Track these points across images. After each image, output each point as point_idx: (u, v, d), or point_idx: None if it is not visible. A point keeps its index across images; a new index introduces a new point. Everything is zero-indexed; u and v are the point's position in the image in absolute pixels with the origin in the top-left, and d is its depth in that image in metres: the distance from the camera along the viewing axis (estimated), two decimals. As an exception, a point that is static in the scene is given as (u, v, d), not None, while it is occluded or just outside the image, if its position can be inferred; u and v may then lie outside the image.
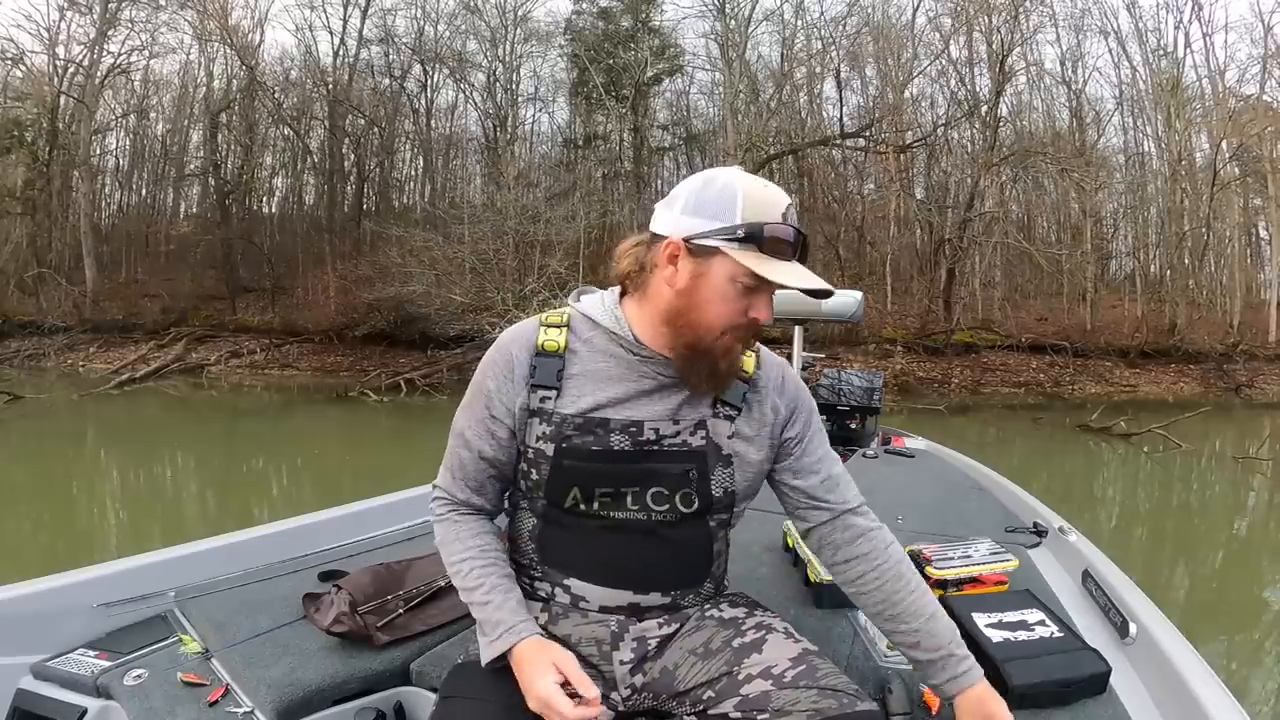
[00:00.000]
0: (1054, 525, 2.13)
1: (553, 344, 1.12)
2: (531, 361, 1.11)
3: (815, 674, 1.01)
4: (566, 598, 1.15)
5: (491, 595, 1.07)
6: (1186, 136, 20.60)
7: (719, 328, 1.04)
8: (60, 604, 1.55)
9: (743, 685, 1.02)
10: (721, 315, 1.04)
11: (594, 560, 1.13)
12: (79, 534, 5.52)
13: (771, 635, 1.11)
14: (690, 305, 1.05)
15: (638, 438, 1.08)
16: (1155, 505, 7.55)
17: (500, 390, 1.12)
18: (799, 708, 0.95)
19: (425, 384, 14.88)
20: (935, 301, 18.77)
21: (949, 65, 20.82)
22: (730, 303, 1.03)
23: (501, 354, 1.13)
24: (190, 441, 9.79)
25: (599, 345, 1.12)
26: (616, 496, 1.09)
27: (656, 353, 1.10)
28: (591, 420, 1.08)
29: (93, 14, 20.26)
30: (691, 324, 1.05)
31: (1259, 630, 4.19)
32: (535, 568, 1.18)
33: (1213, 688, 1.18)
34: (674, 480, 1.09)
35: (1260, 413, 14.49)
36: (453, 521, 1.17)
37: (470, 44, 23.27)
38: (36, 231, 20.35)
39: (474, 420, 1.14)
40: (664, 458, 1.09)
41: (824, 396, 3.77)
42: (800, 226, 1.06)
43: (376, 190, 24.42)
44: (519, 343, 1.13)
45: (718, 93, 22.80)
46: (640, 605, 1.14)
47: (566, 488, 1.09)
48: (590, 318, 1.14)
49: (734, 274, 1.02)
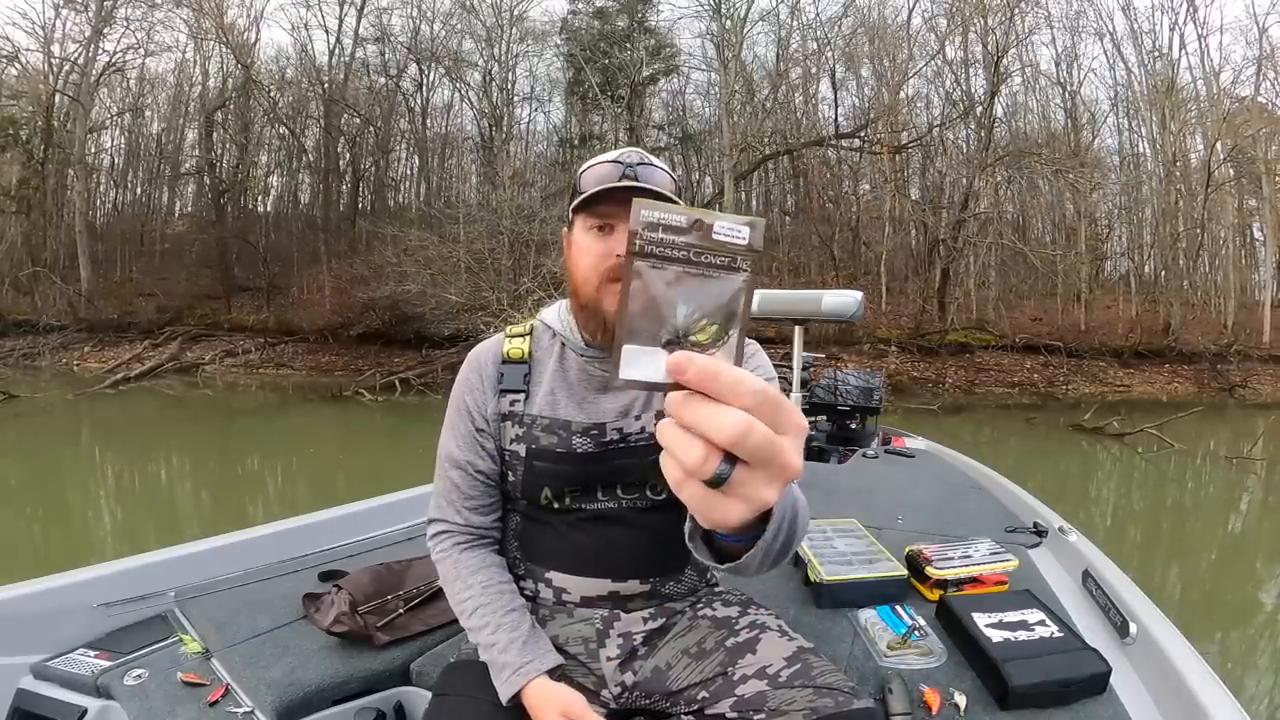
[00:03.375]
0: (1054, 525, 2.13)
1: (517, 351, 1.19)
2: (499, 369, 1.18)
3: (810, 672, 1.01)
4: (550, 592, 1.17)
5: (496, 636, 1.08)
6: (1181, 138, 20.69)
7: (587, 274, 1.09)
8: (60, 604, 1.55)
9: (738, 686, 1.03)
10: (586, 263, 1.09)
11: (571, 552, 1.16)
12: (74, 533, 5.49)
13: (765, 634, 1.11)
14: (572, 271, 1.13)
15: (600, 439, 1.13)
16: (1149, 505, 7.55)
17: (476, 402, 1.17)
18: (795, 707, 0.95)
19: (420, 383, 14.85)
20: (930, 301, 18.80)
21: (944, 66, 20.92)
22: (591, 250, 1.09)
23: (471, 368, 1.20)
24: (185, 441, 9.75)
25: (556, 351, 1.19)
26: (586, 491, 1.14)
27: (599, 348, 1.16)
28: (555, 422, 1.14)
29: (88, 12, 20.22)
30: (576, 287, 1.13)
31: (1253, 629, 4.20)
32: (519, 565, 1.21)
33: (1213, 687, 1.19)
34: (640, 472, 1.13)
35: (1254, 413, 14.52)
36: (453, 560, 1.17)
37: (466, 43, 23.34)
38: (31, 230, 20.29)
39: (460, 438, 1.18)
40: (629, 453, 1.13)
41: (823, 397, 3.78)
42: (638, 160, 1.10)
43: (372, 189, 24.41)
44: (485, 354, 1.20)
45: (713, 93, 22.84)
46: (621, 594, 1.15)
47: (539, 487, 1.14)
48: (548, 325, 1.22)
49: (583, 225, 1.10)
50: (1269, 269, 21.05)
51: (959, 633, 1.44)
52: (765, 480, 0.44)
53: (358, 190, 23.94)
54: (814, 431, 3.81)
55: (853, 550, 1.80)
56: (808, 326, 2.72)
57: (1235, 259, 21.32)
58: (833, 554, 1.78)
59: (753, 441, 0.41)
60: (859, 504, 2.48)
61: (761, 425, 0.42)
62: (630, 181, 1.06)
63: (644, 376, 0.44)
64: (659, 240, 0.45)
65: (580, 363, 1.17)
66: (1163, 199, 20.96)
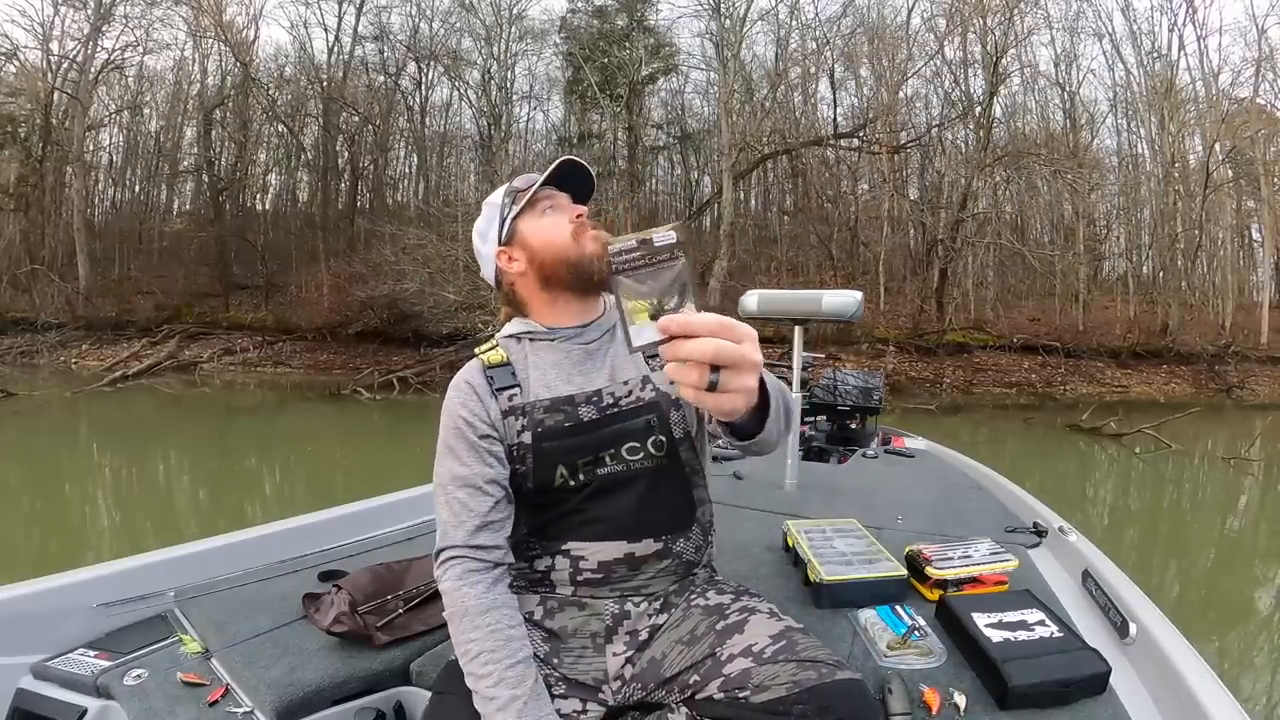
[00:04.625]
0: (1054, 525, 2.13)
1: (497, 356, 1.23)
2: (486, 376, 1.20)
3: (795, 648, 1.00)
4: (566, 563, 1.17)
5: (497, 691, 1.03)
6: (1180, 138, 20.71)
7: (558, 239, 1.22)
8: (60, 604, 1.55)
9: (725, 665, 1.02)
10: (554, 230, 1.22)
11: (587, 521, 1.17)
12: (72, 532, 5.48)
13: (755, 616, 1.11)
14: (540, 255, 1.22)
15: (600, 405, 1.18)
16: (1146, 505, 7.57)
17: (474, 413, 1.17)
18: (778, 681, 0.95)
19: (418, 382, 14.86)
20: (928, 301, 18.82)
21: (943, 66, 20.92)
22: (553, 222, 1.23)
23: (458, 388, 1.21)
24: (183, 439, 9.75)
25: (529, 347, 1.24)
26: (596, 460, 1.16)
27: (565, 326, 1.24)
28: (558, 399, 1.17)
29: (87, 9, 20.19)
30: (553, 262, 1.22)
31: (1251, 630, 4.21)
32: (535, 545, 1.21)
33: (1212, 687, 1.19)
34: (641, 432, 1.17)
35: (1251, 414, 14.54)
36: (462, 594, 1.11)
37: (465, 41, 23.29)
38: (30, 228, 20.28)
39: (462, 455, 1.15)
40: (627, 416, 1.17)
41: (823, 397, 3.78)
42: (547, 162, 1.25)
43: (371, 188, 24.40)
44: (468, 372, 1.23)
45: (712, 92, 22.82)
46: (636, 555, 1.16)
47: (552, 467, 1.15)
48: (509, 334, 1.27)
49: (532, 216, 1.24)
50: (1267, 270, 21.11)
51: (959, 633, 1.44)
52: (742, 375, 0.69)
53: (356, 189, 23.93)
54: (814, 431, 3.81)
55: (853, 550, 1.80)
56: (808, 326, 2.71)
57: (1233, 260, 21.36)
58: (832, 554, 1.77)
59: (723, 351, 0.67)
60: (859, 504, 2.48)
61: (726, 341, 0.67)
62: (552, 168, 1.24)
63: (647, 341, 0.69)
64: (625, 259, 0.71)
65: (553, 346, 1.23)
66: (1161, 200, 20.98)
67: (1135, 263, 22.26)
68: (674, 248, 0.70)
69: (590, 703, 1.11)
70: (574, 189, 1.28)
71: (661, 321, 0.68)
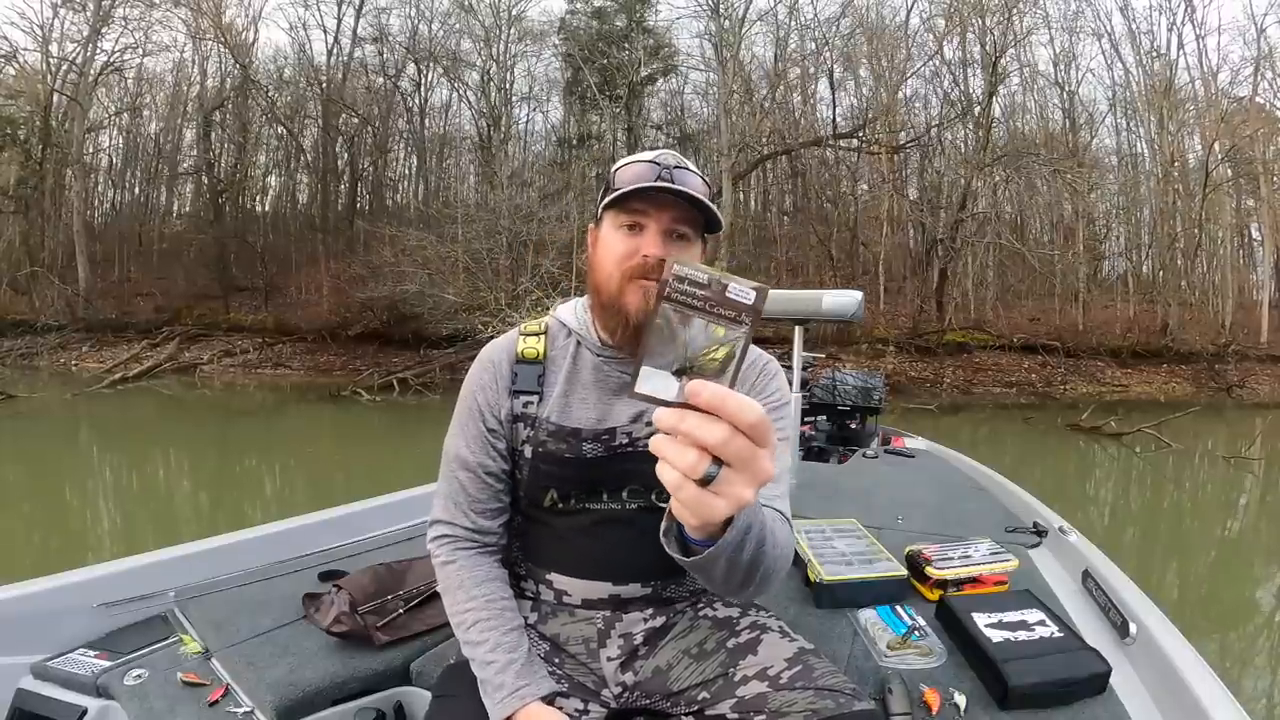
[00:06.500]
0: (1054, 525, 2.13)
1: (531, 351, 1.17)
2: (513, 369, 1.16)
3: (812, 674, 1.00)
4: (550, 593, 1.17)
5: (494, 655, 1.05)
6: (1179, 138, 20.75)
7: (610, 271, 1.08)
8: (60, 604, 1.55)
9: (738, 687, 1.02)
10: (611, 260, 1.08)
11: (572, 554, 1.15)
12: (72, 533, 5.48)
13: (766, 635, 1.10)
14: (595, 267, 1.12)
15: (610, 444, 1.12)
16: (1147, 505, 7.56)
17: (488, 401, 1.15)
18: (795, 709, 0.94)
19: (418, 383, 14.86)
20: (927, 301, 18.83)
21: (942, 66, 20.95)
22: (617, 247, 1.08)
23: (484, 366, 1.18)
24: (183, 441, 9.74)
25: (572, 351, 1.17)
26: (591, 494, 1.12)
27: (616, 349, 1.15)
28: (564, 429, 1.11)
29: (86, 11, 20.18)
30: (598, 284, 1.11)
31: (1252, 629, 4.21)
32: (520, 565, 1.21)
33: (1212, 687, 1.19)
34: (648, 476, 1.10)
35: (1251, 413, 14.55)
36: (456, 566, 1.13)
37: (464, 43, 23.34)
38: (29, 230, 20.27)
39: (470, 438, 1.15)
40: (638, 458, 1.11)
41: (823, 397, 3.78)
42: (675, 163, 1.09)
43: (370, 189, 24.44)
44: (500, 353, 1.18)
45: (711, 93, 22.82)
46: (621, 597, 1.15)
47: (544, 489, 1.13)
48: (564, 323, 1.20)
49: (613, 222, 1.10)
50: (1266, 269, 21.12)
51: (959, 633, 1.44)
52: (745, 481, 0.57)
53: (356, 190, 23.95)
54: (814, 431, 3.81)
55: (853, 550, 1.80)
56: (808, 326, 2.71)
57: (1233, 259, 21.38)
58: (833, 554, 1.78)
59: (735, 447, 0.54)
60: (859, 504, 2.48)
61: (742, 435, 0.54)
62: (665, 184, 1.05)
63: (654, 392, 0.56)
64: (684, 291, 0.55)
65: (596, 362, 1.16)
66: (1160, 199, 21.01)
67: (1135, 262, 22.29)
68: (745, 310, 0.55)
69: (592, 703, 1.11)
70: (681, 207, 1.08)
71: (692, 385, 0.54)
